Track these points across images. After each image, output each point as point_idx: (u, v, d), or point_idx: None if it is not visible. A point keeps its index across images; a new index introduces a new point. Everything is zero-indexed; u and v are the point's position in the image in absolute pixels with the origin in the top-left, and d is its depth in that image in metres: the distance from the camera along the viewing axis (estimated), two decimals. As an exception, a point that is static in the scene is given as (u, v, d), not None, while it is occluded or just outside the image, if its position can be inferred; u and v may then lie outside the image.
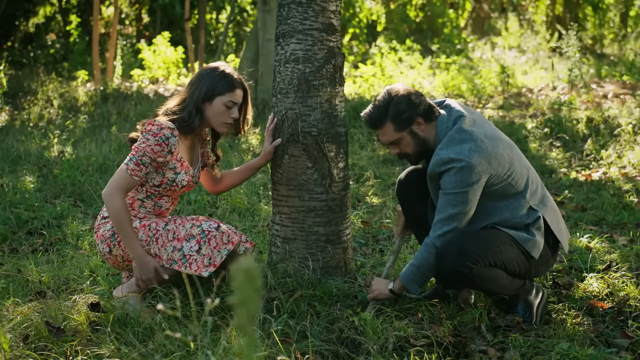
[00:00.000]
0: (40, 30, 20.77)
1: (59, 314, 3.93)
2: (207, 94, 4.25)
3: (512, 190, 4.06)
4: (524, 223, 4.08)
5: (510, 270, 4.03)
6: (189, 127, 4.25)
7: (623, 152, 8.38)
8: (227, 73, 4.31)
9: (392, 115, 4.09)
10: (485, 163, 3.95)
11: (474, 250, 3.94)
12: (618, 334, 3.95)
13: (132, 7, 22.80)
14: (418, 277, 4.10)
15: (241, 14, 22.04)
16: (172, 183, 4.26)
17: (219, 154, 4.64)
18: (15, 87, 14.75)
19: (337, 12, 4.49)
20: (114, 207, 4.09)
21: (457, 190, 3.94)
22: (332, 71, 4.45)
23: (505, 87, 14.15)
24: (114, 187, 4.10)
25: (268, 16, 11.14)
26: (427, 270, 4.09)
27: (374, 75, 14.50)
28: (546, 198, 4.18)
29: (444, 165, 3.97)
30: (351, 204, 5.57)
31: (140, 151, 4.11)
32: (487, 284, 4.04)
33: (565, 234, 4.24)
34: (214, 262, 4.07)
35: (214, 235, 4.08)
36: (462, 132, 4.02)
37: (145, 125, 4.17)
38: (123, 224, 4.09)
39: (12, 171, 7.97)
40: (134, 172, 4.12)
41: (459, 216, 3.99)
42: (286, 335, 3.81)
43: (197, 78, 4.32)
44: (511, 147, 4.14)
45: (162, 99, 12.66)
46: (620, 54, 19.08)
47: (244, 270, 1.72)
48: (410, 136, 4.12)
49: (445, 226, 4.01)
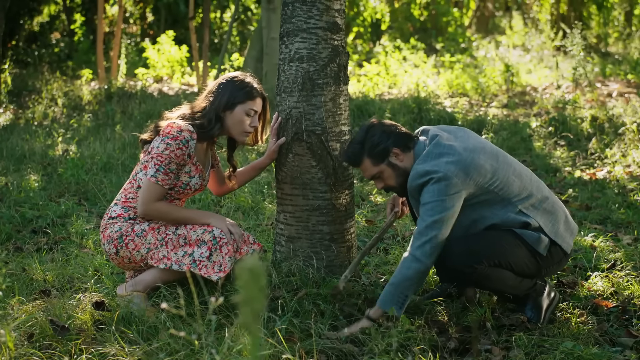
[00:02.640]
0: (44, 29, 20.79)
1: (63, 313, 3.93)
2: (229, 103, 4.28)
3: (497, 198, 4.01)
4: (518, 225, 4.04)
5: (518, 270, 4.00)
6: (208, 134, 4.28)
7: (627, 151, 8.37)
8: (247, 82, 4.34)
9: (367, 150, 4.10)
10: (463, 175, 3.91)
11: (480, 250, 3.92)
12: (622, 333, 3.94)
13: (137, 6, 22.81)
14: (397, 297, 3.92)
15: (245, 12, 22.04)
16: (186, 187, 4.27)
17: (236, 165, 4.64)
18: (20, 86, 14.77)
19: (342, 10, 4.49)
20: (159, 214, 4.17)
21: (435, 199, 3.89)
22: (337, 70, 4.45)
23: (510, 85, 14.13)
24: (150, 201, 4.14)
25: (272, 15, 11.15)
26: (405, 288, 3.92)
27: (378, 74, 14.50)
28: (541, 202, 4.09)
29: (420, 178, 3.94)
30: (355, 203, 5.56)
31: (165, 159, 4.12)
32: (493, 284, 4.02)
33: (565, 234, 4.13)
34: (225, 268, 4.08)
35: (226, 242, 4.09)
36: (439, 146, 4.01)
37: (164, 128, 4.17)
38: (175, 217, 4.20)
39: (17, 170, 7.98)
40: (164, 182, 4.14)
41: (437, 224, 3.89)
42: (290, 334, 3.81)
43: (218, 87, 4.33)
44: (496, 157, 4.08)
45: (166, 97, 12.68)
46: (624, 53, 19.05)
47: (249, 269, 1.72)
48: (390, 168, 4.12)
49: (424, 236, 3.90)
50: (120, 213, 4.24)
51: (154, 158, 4.14)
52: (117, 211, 4.25)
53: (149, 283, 4.19)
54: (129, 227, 4.19)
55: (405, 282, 3.91)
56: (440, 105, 11.80)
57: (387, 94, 13.50)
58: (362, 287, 4.50)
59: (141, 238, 4.16)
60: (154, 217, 4.17)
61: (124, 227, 4.19)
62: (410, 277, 3.91)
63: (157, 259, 4.14)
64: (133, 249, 4.17)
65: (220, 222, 4.17)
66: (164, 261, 4.12)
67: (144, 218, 4.24)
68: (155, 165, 4.12)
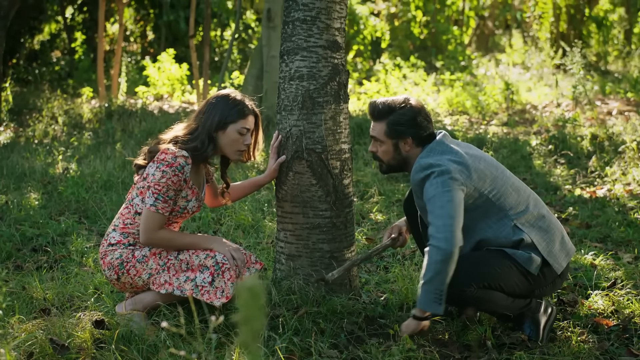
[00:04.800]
0: (45, 47, 20.85)
1: (63, 331, 3.93)
2: (220, 122, 4.25)
3: (493, 208, 4.02)
4: (511, 242, 4.03)
5: (509, 291, 3.98)
6: (202, 155, 4.25)
7: (628, 169, 8.37)
8: (239, 100, 4.32)
9: (391, 120, 4.13)
10: (465, 172, 3.95)
11: (467, 273, 3.90)
12: (623, 352, 3.94)
13: (137, 24, 22.88)
14: (433, 295, 3.86)
15: (246, 30, 22.10)
16: (184, 210, 4.26)
17: (229, 182, 4.63)
18: (21, 104, 14.80)
19: (342, 29, 4.51)
20: (162, 242, 4.16)
21: (439, 191, 3.89)
22: (337, 88, 4.46)
23: (510, 103, 14.16)
24: (152, 230, 4.12)
25: (273, 33, 11.17)
26: (439, 283, 3.85)
27: (378, 92, 14.52)
28: (537, 219, 4.08)
29: (423, 171, 3.97)
30: (356, 221, 5.56)
31: (163, 187, 4.10)
32: (485, 305, 4.01)
33: (559, 255, 4.10)
34: (227, 294, 4.06)
35: (228, 267, 4.08)
36: (443, 145, 4.08)
37: (159, 154, 4.16)
38: (178, 244, 4.19)
39: (17, 188, 7.99)
40: (164, 210, 4.12)
41: (448, 212, 3.86)
42: (291, 353, 3.81)
43: (208, 107, 4.31)
44: (496, 167, 4.11)
45: (166, 115, 12.70)
46: (624, 71, 19.08)
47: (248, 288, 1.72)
48: (393, 147, 4.16)
49: (438, 226, 3.86)
50: (119, 240, 4.22)
51: (151, 187, 4.12)
52: (117, 238, 4.23)
53: (149, 303, 4.18)
54: (129, 254, 4.17)
55: (437, 276, 3.83)
56: (440, 123, 11.82)
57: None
58: (362, 305, 4.49)
59: (142, 264, 4.15)
60: (157, 245, 4.16)
61: (124, 253, 4.18)
62: (438, 271, 3.83)
63: (159, 284, 4.12)
64: (134, 275, 4.15)
65: (223, 247, 4.15)
66: (166, 287, 4.10)
67: None
68: (153, 194, 4.11)
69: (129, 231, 4.22)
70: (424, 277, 3.88)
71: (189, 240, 4.22)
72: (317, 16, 4.40)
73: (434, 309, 3.87)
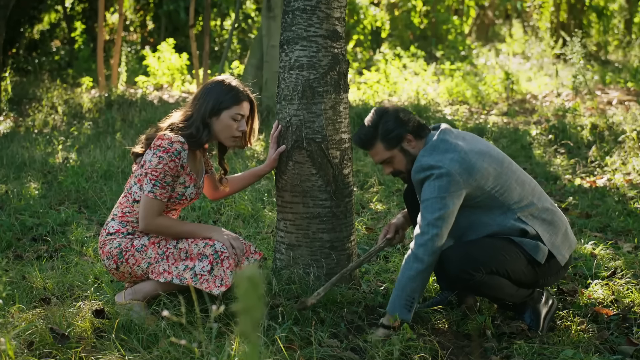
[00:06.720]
0: (45, 37, 20.83)
1: (63, 321, 3.93)
2: (214, 109, 4.24)
3: (497, 203, 4.02)
4: (517, 233, 4.04)
5: (515, 279, 4.00)
6: (198, 142, 4.24)
7: (627, 159, 8.37)
8: (233, 86, 4.29)
9: (381, 134, 4.12)
10: (466, 174, 3.93)
11: (478, 258, 3.92)
12: (623, 341, 3.94)
13: (137, 14, 22.85)
14: (403, 301, 3.94)
15: (246, 20, 22.07)
16: (182, 197, 4.25)
17: (227, 168, 4.61)
18: (20, 94, 14.79)
19: (342, 18, 4.50)
20: (161, 229, 4.15)
21: (435, 195, 3.91)
22: (337, 78, 4.45)
23: (510, 93, 14.15)
24: (151, 217, 4.11)
25: (273, 23, 11.16)
26: (411, 291, 3.93)
27: (378, 82, 14.51)
28: (541, 212, 4.09)
29: (423, 172, 3.97)
30: (355, 211, 5.56)
31: (160, 173, 4.09)
32: (490, 292, 4.02)
33: (562, 247, 4.12)
34: (226, 282, 4.06)
35: (227, 256, 4.08)
36: (446, 143, 4.04)
37: (155, 140, 4.15)
38: (177, 231, 4.18)
39: (17, 178, 7.98)
40: (162, 196, 4.11)
41: (438, 222, 3.91)
42: (290, 342, 3.81)
43: (203, 93, 4.30)
44: (501, 163, 4.09)
45: (166, 105, 12.69)
46: (624, 61, 19.07)
47: (248, 278, 1.72)
48: (401, 153, 4.15)
49: (425, 234, 3.92)
50: (118, 229, 4.21)
51: (148, 173, 4.11)
52: (115, 227, 4.22)
53: (148, 292, 4.17)
54: (128, 243, 4.17)
55: (409, 284, 3.92)
56: (440, 113, 11.81)
57: (387, 102, 13.51)
58: (362, 294, 4.50)
59: (141, 253, 4.14)
60: (156, 232, 4.16)
61: (123, 242, 4.17)
62: (413, 278, 3.92)
63: (158, 272, 4.12)
64: (134, 264, 4.15)
65: (222, 235, 4.15)
66: (165, 275, 4.10)
67: (142, 231, 4.23)
68: (151, 180, 4.10)
69: (128, 220, 4.22)
70: (398, 282, 3.97)
71: (188, 228, 4.21)
72: (317, 5, 4.39)
73: (403, 315, 3.94)
